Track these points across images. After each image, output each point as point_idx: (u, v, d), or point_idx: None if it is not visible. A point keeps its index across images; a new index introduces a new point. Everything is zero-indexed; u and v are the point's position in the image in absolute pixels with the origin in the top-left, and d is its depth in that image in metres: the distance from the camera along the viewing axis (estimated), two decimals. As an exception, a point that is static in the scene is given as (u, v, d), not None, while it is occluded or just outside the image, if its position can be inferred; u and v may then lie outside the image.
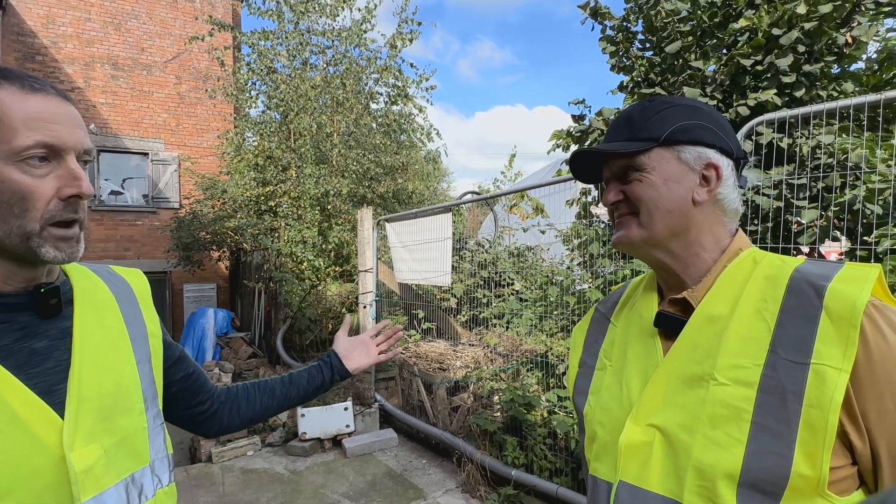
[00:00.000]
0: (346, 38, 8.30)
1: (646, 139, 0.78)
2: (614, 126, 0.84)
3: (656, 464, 0.73)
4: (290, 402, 1.21)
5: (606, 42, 4.19)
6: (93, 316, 0.81)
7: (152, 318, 0.93)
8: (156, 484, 0.84)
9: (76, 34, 10.06)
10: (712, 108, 0.82)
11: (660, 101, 0.82)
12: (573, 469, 3.33)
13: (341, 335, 1.34)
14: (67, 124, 0.71)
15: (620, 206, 0.82)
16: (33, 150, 0.68)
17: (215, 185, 8.66)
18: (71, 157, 0.72)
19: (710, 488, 0.66)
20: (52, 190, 0.70)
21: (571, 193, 4.52)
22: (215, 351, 8.00)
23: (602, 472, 0.82)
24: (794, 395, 0.64)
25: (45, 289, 0.75)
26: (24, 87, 0.69)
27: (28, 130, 0.67)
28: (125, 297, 0.89)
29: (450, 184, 22.19)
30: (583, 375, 0.93)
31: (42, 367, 0.72)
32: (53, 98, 0.72)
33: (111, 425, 0.76)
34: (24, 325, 0.73)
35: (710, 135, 0.78)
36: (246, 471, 4.25)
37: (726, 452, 0.66)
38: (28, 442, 0.67)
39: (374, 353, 1.33)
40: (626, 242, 0.82)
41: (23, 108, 0.68)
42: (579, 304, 3.77)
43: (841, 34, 3.09)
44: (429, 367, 4.84)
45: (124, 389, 0.81)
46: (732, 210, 0.80)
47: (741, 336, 0.70)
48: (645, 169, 0.78)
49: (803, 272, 0.70)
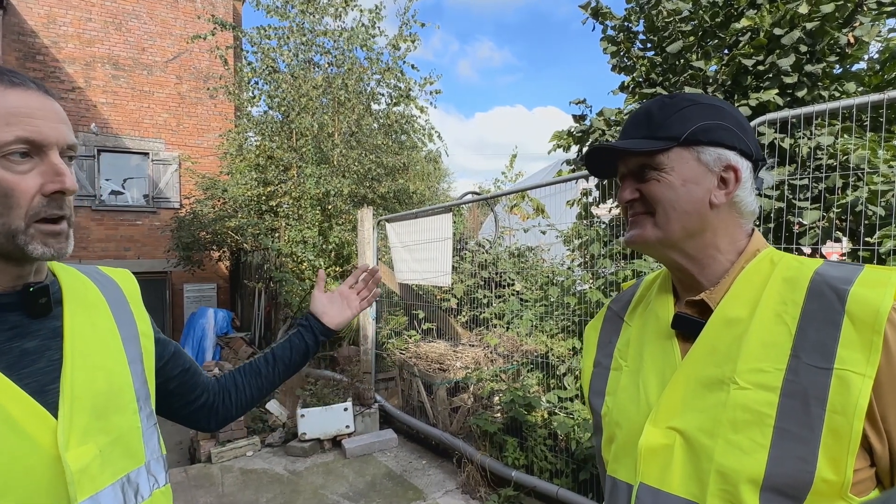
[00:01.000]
0: (349, 38, 8.29)
1: (665, 138, 0.77)
2: (632, 121, 0.82)
3: (677, 467, 0.73)
4: (279, 377, 1.19)
5: (607, 42, 4.17)
6: (83, 315, 0.80)
7: (143, 318, 0.92)
8: (152, 484, 0.83)
9: (77, 34, 10.06)
10: (734, 108, 0.81)
11: (681, 98, 0.80)
12: (574, 470, 3.32)
13: (317, 293, 1.27)
14: (49, 119, 0.70)
15: (635, 204, 0.81)
16: (13, 145, 0.66)
17: (216, 185, 8.66)
18: (54, 153, 0.70)
19: (733, 492, 0.66)
20: (34, 186, 0.69)
21: (572, 194, 4.51)
22: (215, 351, 8.00)
23: (621, 473, 0.82)
24: (817, 401, 0.64)
25: (33, 288, 0.74)
26: (2, 81, 0.68)
27: (7, 126, 0.66)
28: (115, 298, 0.88)
29: (450, 184, 22.19)
30: (598, 375, 0.93)
31: (34, 366, 0.71)
32: (34, 92, 0.70)
33: (105, 424, 0.75)
34: (14, 325, 0.72)
35: (730, 136, 0.77)
36: (245, 471, 4.25)
37: (749, 457, 0.66)
38: (22, 442, 0.66)
39: (356, 302, 1.28)
40: (640, 242, 0.81)
41: (2, 104, 0.67)
42: (580, 305, 3.76)
43: (843, 34, 3.08)
44: (429, 368, 4.83)
45: (117, 388, 0.80)
46: (749, 212, 0.80)
47: (762, 340, 0.70)
48: (663, 168, 0.77)
49: (823, 275, 0.70)
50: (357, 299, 1.29)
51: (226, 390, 1.13)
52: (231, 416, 1.14)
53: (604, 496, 0.90)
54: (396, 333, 5.75)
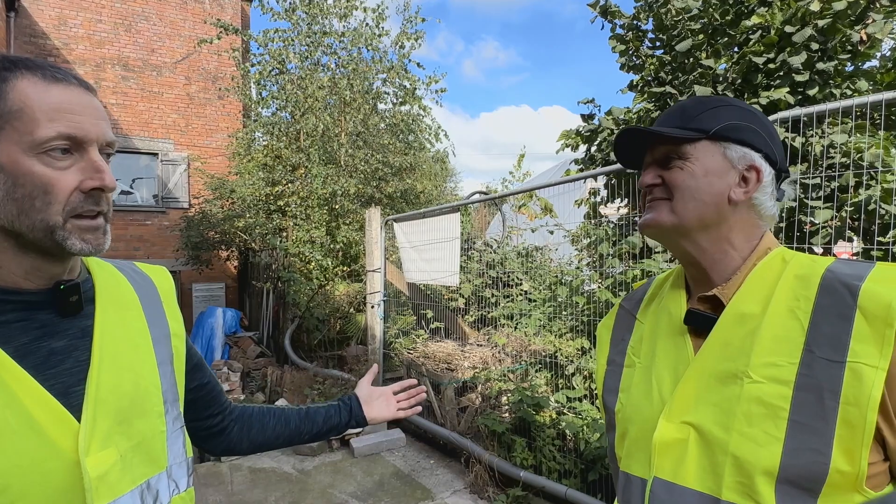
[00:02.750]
0: (353, 39, 8.31)
1: (695, 129, 0.79)
2: (666, 114, 0.84)
3: (692, 460, 0.74)
4: (301, 437, 1.16)
5: (616, 41, 4.16)
6: (114, 315, 0.79)
7: (176, 317, 0.91)
8: (172, 490, 0.82)
9: (87, 35, 10.15)
10: (766, 117, 0.83)
11: (717, 98, 0.82)
12: (582, 470, 3.31)
13: (365, 382, 1.30)
14: (90, 115, 0.69)
15: (655, 189, 0.82)
16: (55, 141, 0.66)
17: (224, 185, 8.71)
18: (93, 149, 0.70)
19: (749, 484, 0.67)
20: (74, 182, 0.68)
21: (580, 193, 4.50)
22: (224, 350, 8.05)
23: (635, 468, 0.83)
24: (830, 393, 0.65)
25: (64, 286, 0.72)
26: (45, 76, 0.67)
27: (50, 122, 0.65)
28: (149, 296, 0.87)
29: (457, 184, 22.18)
30: (612, 373, 0.94)
31: (60, 367, 0.70)
32: (76, 88, 0.69)
33: (128, 429, 0.74)
34: (43, 324, 0.71)
35: (758, 139, 0.78)
36: (254, 470, 4.26)
37: (764, 449, 0.67)
38: (42, 445, 0.64)
39: (394, 407, 1.28)
40: (654, 226, 0.82)
41: (45, 99, 0.66)
42: (588, 305, 3.75)
43: (855, 31, 3.05)
44: (437, 368, 4.82)
45: (143, 391, 0.78)
46: (769, 216, 0.81)
47: (774, 335, 0.71)
48: (688, 158, 0.79)
49: (835, 272, 0.71)
50: (396, 406, 1.29)
51: (248, 422, 1.10)
52: (238, 450, 1.10)
53: (615, 494, 0.91)
54: (404, 333, 5.75)
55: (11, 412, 0.64)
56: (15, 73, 0.66)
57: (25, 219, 0.66)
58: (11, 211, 0.66)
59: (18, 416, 0.64)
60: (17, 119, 0.65)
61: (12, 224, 0.67)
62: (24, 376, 0.66)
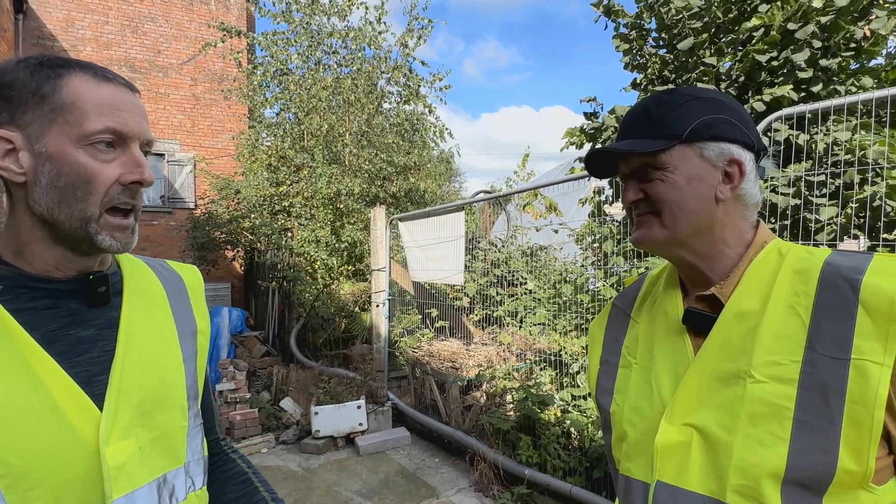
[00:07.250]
0: (355, 38, 8.33)
1: (666, 136, 0.76)
2: (630, 120, 0.81)
3: (695, 464, 0.72)
4: None
5: (620, 40, 4.16)
6: (141, 308, 0.81)
7: (203, 315, 0.93)
8: (188, 486, 0.82)
9: (94, 37, 10.23)
10: (732, 99, 0.80)
11: (678, 93, 0.79)
12: (587, 468, 3.31)
13: None
14: (134, 113, 0.73)
15: (640, 204, 0.80)
16: (102, 134, 0.70)
17: (230, 186, 8.75)
18: (135, 145, 0.74)
19: (754, 487, 0.66)
20: (115, 175, 0.71)
21: (584, 192, 4.51)
22: (230, 349, 8.07)
23: (636, 472, 0.81)
24: (835, 392, 0.64)
25: (93, 276, 0.75)
26: (97, 75, 0.72)
27: (99, 116, 0.70)
28: (176, 293, 0.89)
29: (461, 183, 22.19)
30: (605, 373, 0.92)
31: (86, 356, 0.72)
32: (122, 88, 0.74)
33: (149, 421, 0.75)
34: (71, 312, 0.73)
35: (732, 129, 0.76)
36: (260, 468, 4.29)
37: (769, 451, 0.66)
38: (64, 432, 0.66)
39: None
40: (647, 242, 0.80)
41: (95, 95, 0.70)
42: (593, 303, 3.75)
43: (858, 27, 3.04)
44: (441, 366, 4.84)
45: (168, 385, 0.80)
46: (753, 204, 0.79)
47: (775, 332, 0.70)
48: (667, 168, 0.76)
49: (834, 265, 0.69)
50: None
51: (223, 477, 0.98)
52: None
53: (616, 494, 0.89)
54: (409, 332, 5.77)
55: (38, 398, 0.65)
56: (69, 70, 0.71)
57: (66, 208, 0.69)
58: (53, 199, 0.69)
59: (44, 402, 0.65)
60: (68, 112, 0.69)
61: (51, 213, 0.70)
62: (51, 362, 0.67)
